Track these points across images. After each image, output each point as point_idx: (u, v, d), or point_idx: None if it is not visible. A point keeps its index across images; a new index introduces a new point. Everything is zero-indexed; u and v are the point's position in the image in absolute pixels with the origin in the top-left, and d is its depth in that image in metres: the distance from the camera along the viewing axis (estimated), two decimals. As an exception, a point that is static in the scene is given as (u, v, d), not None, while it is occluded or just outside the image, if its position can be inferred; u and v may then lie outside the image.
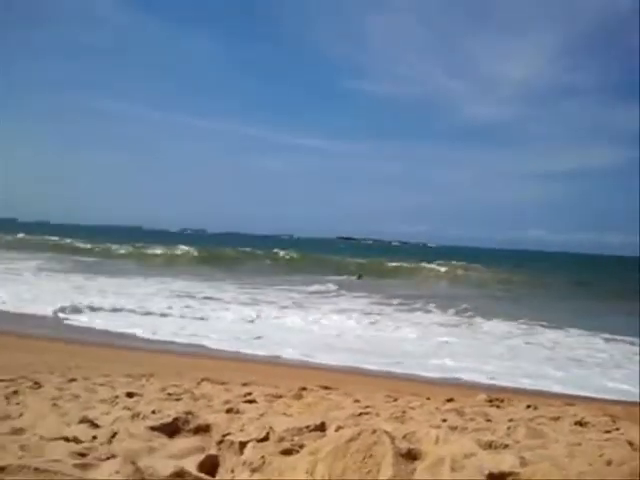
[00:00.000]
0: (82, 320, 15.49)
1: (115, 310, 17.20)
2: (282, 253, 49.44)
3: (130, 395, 6.19)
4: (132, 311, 17.30)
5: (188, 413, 4.22)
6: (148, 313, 17.18)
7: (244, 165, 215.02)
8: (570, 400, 8.45)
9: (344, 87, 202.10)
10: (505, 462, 3.21)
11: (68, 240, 56.15)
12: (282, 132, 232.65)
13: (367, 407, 6.06)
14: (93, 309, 17.04)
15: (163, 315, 17.10)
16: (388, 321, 18.89)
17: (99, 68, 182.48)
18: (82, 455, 3.13)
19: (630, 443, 4.50)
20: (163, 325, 15.55)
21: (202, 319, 17.06)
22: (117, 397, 6.02)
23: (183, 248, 51.36)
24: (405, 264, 46.62)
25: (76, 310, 16.52)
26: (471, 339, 16.34)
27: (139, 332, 14.36)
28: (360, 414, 5.42)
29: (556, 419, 5.82)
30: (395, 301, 24.68)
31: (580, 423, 5.64)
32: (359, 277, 37.76)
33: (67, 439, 3.55)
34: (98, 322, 15.31)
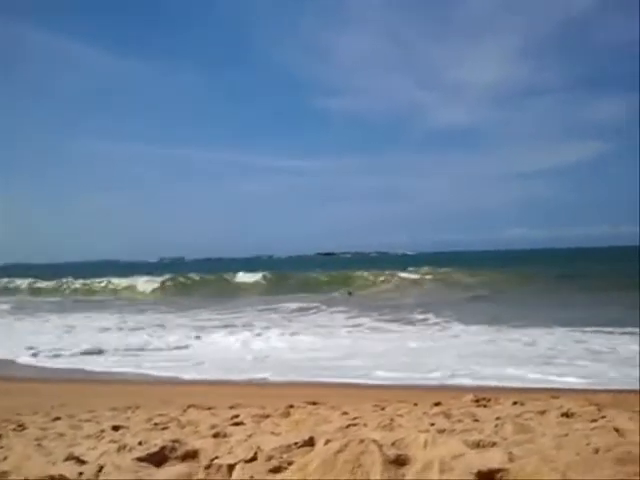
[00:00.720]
0: (57, 361, 15.21)
1: (92, 349, 16.85)
2: (255, 276, 48.52)
3: (116, 428, 6.12)
4: (99, 350, 16.93)
5: (175, 441, 4.18)
6: (128, 349, 16.90)
7: (219, 190, 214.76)
8: (555, 393, 8.49)
9: (314, 106, 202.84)
10: (493, 459, 3.22)
11: (36, 280, 54.95)
12: (255, 154, 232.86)
13: (355, 418, 6.05)
14: (65, 349, 16.65)
15: (142, 349, 16.87)
16: (372, 334, 19.01)
17: (76, 110, 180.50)
18: (69, 492, 3.08)
19: (616, 430, 4.53)
20: (143, 358, 15.42)
21: (183, 348, 16.92)
22: (103, 431, 5.95)
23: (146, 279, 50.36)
24: (382, 274, 46.34)
25: (49, 351, 16.19)
26: (452, 343, 16.44)
27: (119, 366, 14.22)
28: (348, 426, 5.41)
29: (542, 413, 5.85)
30: (375, 313, 24.73)
31: (566, 414, 5.67)
32: (349, 294, 37.05)
33: (53, 478, 3.50)
34: (73, 360, 15.10)
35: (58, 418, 7.39)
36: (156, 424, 6.39)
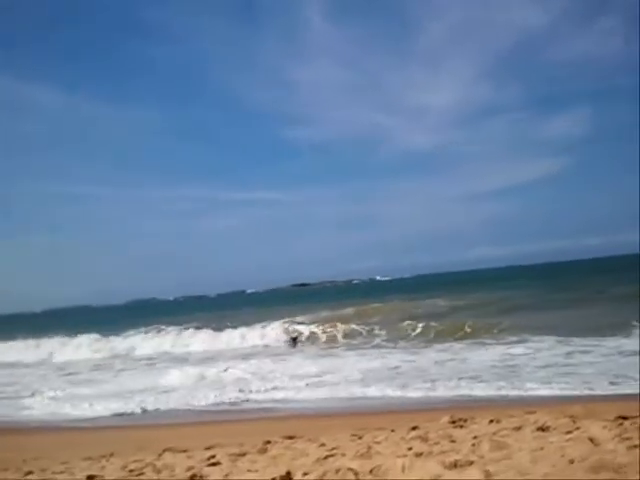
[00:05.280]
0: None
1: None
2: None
3: (91, 478, 6.00)
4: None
5: (150, 486, 4.11)
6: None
7: (191, 228, 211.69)
8: (532, 408, 8.52)
9: (278, 137, 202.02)
10: (470, 478, 3.23)
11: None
12: (221, 189, 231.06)
13: (333, 449, 5.99)
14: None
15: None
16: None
17: (34, 154, 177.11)
18: None
19: (591, 439, 4.58)
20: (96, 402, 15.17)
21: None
22: (77, 482, 5.83)
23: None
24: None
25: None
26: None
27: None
28: (326, 457, 5.36)
29: (518, 429, 5.88)
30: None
31: (542, 428, 5.70)
32: (294, 340, 29.78)
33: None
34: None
35: (30, 472, 7.18)
36: (131, 470, 6.26)
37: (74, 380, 21.28)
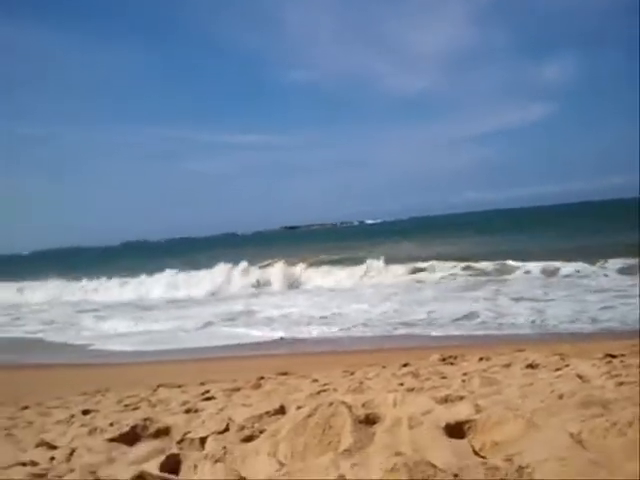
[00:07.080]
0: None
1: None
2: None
3: (86, 412, 6.08)
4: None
5: (146, 419, 4.16)
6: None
7: (181, 169, 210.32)
8: (521, 346, 8.66)
9: (270, 79, 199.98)
10: (461, 412, 3.28)
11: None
12: (216, 131, 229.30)
13: (325, 385, 6.10)
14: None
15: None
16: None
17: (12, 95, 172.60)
18: (40, 476, 3.06)
19: (579, 376, 4.66)
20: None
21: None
22: (73, 416, 5.90)
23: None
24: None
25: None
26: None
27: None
28: (319, 392, 5.45)
29: (508, 366, 5.98)
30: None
31: (531, 365, 5.81)
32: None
33: (24, 464, 3.46)
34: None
35: (26, 407, 7.29)
36: (127, 405, 6.36)
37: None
